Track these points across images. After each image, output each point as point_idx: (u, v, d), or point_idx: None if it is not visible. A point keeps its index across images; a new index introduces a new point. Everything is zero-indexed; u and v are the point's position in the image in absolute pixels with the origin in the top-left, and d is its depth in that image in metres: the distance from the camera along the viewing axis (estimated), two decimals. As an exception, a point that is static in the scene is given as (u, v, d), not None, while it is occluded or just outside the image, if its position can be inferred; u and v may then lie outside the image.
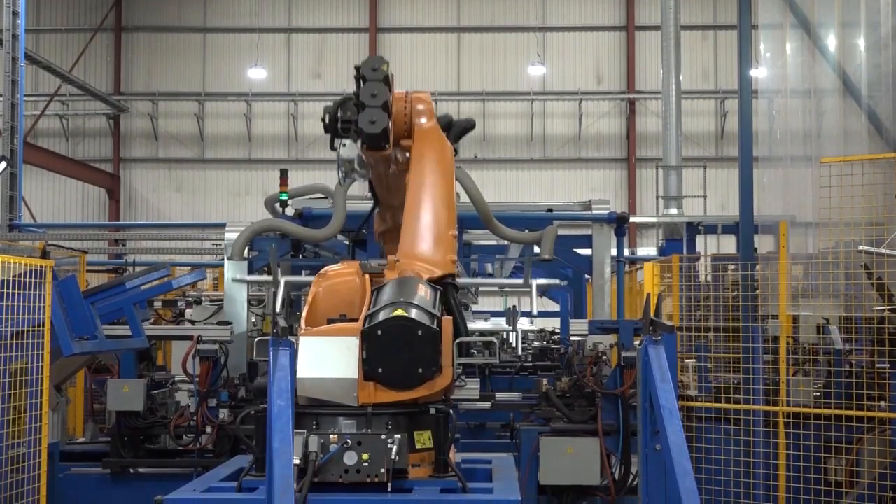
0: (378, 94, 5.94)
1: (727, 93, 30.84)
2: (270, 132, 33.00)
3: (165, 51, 33.37)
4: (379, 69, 5.97)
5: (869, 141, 11.09)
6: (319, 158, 32.32)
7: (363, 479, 5.23)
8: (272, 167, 27.14)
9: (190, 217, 30.50)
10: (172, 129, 33.13)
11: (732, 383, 9.41)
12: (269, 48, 32.84)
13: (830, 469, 8.80)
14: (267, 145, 32.97)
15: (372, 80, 5.97)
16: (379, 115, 5.90)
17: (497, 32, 32.83)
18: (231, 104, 32.89)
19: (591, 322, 12.94)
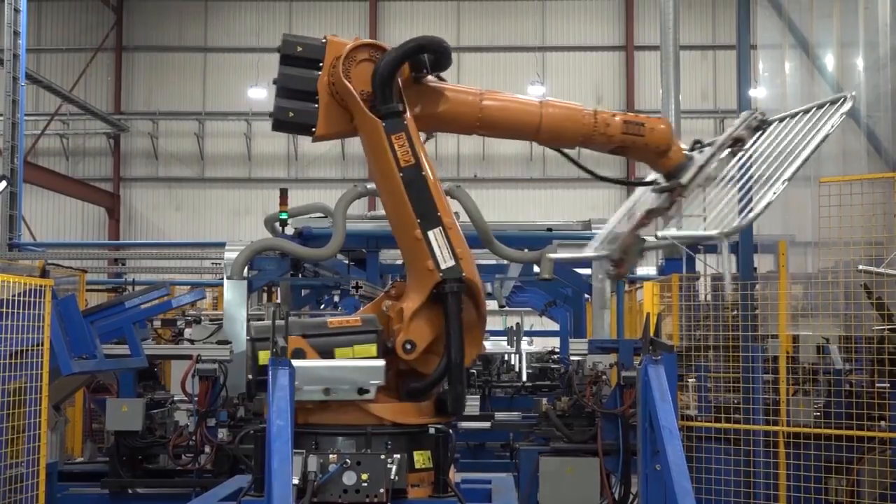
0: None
1: (726, 112, 30.89)
2: (270, 151, 33.05)
3: (166, 70, 33.46)
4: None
5: (868, 160, 11.10)
6: (319, 178, 32.38)
7: (362, 499, 5.22)
8: (272, 186, 27.16)
9: (189, 236, 30.50)
10: (172, 149, 33.18)
11: (732, 403, 9.39)
12: (269, 68, 32.29)
13: (831, 489, 8.77)
14: (267, 165, 33.01)
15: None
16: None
17: (497, 52, 32.93)
18: (231, 123, 32.96)
19: (590, 341, 12.92)
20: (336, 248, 12.73)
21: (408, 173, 5.63)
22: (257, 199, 31.79)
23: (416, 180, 5.64)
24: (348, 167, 32.75)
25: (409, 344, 5.54)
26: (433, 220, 5.63)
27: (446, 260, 5.58)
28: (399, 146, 5.63)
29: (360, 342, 5.53)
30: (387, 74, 5.66)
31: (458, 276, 5.55)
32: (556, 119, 6.16)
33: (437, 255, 5.59)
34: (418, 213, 5.62)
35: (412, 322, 5.57)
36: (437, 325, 5.58)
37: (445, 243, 5.60)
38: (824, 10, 11.90)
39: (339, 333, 5.58)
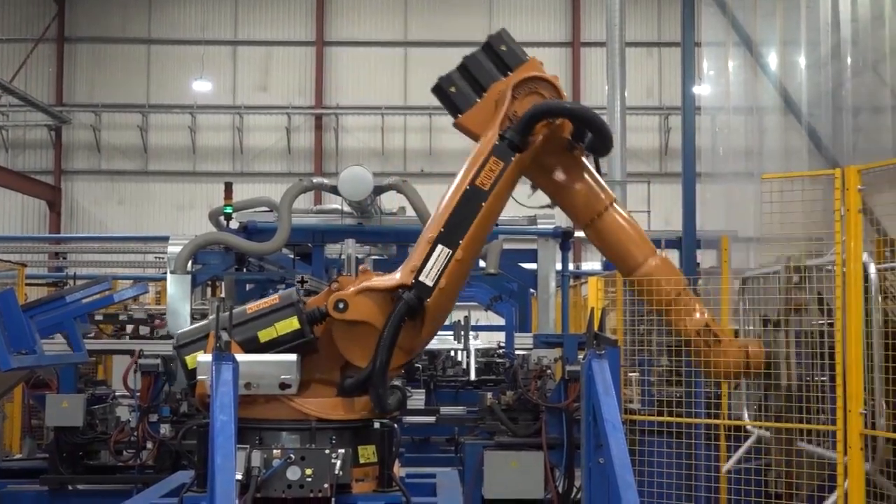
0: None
1: (671, 109, 31.19)
2: (215, 145, 32.77)
3: (109, 62, 33.01)
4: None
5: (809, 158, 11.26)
6: (265, 171, 32.17)
7: (306, 494, 5.21)
8: (217, 180, 26.89)
9: (132, 230, 30.11)
10: (115, 141, 32.75)
11: (675, 397, 9.48)
12: (214, 60, 32.62)
13: (771, 481, 8.89)
14: (211, 158, 32.72)
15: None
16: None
17: (444, 47, 32.90)
18: (175, 116, 32.61)
19: (535, 336, 12.99)
20: (281, 243, 12.69)
21: (472, 191, 5.78)
22: (202, 193, 31.50)
23: (472, 202, 5.76)
24: (294, 161, 32.58)
25: (341, 303, 5.55)
26: (451, 242, 5.69)
27: (428, 277, 5.62)
28: (489, 169, 5.80)
29: (281, 318, 5.52)
30: (539, 114, 5.81)
31: (423, 295, 5.58)
32: (656, 274, 6.35)
33: (426, 267, 5.63)
34: (448, 225, 5.71)
35: (360, 294, 5.60)
36: (378, 315, 5.57)
37: (441, 266, 5.64)
38: (767, 9, 12.05)
39: (259, 316, 5.56)
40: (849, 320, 6.48)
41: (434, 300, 5.60)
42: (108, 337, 12.09)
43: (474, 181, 5.78)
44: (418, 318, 5.63)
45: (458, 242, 5.67)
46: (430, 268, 5.62)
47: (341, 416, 5.59)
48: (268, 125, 32.72)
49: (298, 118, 32.81)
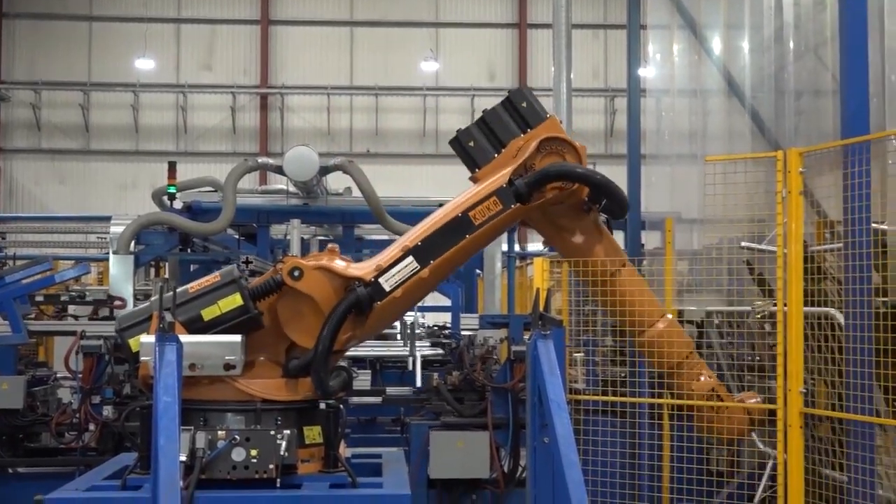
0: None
1: (616, 91, 31.35)
2: (159, 124, 32.37)
3: (49, 39, 32.40)
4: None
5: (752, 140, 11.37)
6: (209, 151, 31.86)
7: (251, 475, 5.19)
8: (160, 160, 26.60)
9: (74, 210, 29.61)
10: (56, 120, 32.21)
11: (619, 377, 9.56)
12: (157, 38, 32.18)
13: (712, 460, 9.02)
14: (155, 137, 32.33)
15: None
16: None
17: (390, 27, 32.78)
18: (118, 95, 32.13)
19: (481, 317, 13.03)
20: (226, 223, 12.60)
21: (462, 220, 5.81)
22: (145, 173, 31.10)
23: (458, 231, 5.80)
24: (239, 141, 32.30)
25: (297, 271, 5.58)
26: (423, 259, 5.73)
27: (387, 281, 5.67)
28: (486, 206, 5.85)
29: (223, 295, 5.50)
30: (555, 175, 5.96)
31: (375, 297, 5.63)
32: (664, 337, 6.54)
33: (389, 271, 5.69)
34: (426, 242, 5.76)
35: (319, 270, 5.63)
36: (327, 296, 5.58)
37: (404, 277, 5.70)
38: (712, -8, 12.13)
39: (201, 295, 5.53)
40: (789, 301, 6.57)
41: (384, 305, 5.66)
42: (49, 318, 11.93)
43: (468, 211, 5.84)
44: (364, 315, 5.65)
45: (429, 262, 5.73)
46: (394, 274, 5.67)
47: (286, 397, 5.58)
48: (212, 104, 32.39)
49: (243, 97, 32.51)
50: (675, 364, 6.51)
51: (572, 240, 6.34)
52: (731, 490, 8.14)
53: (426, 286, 5.88)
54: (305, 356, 5.58)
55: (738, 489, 8.11)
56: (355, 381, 7.47)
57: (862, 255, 6.13)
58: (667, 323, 6.55)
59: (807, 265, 6.71)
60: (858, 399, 6.06)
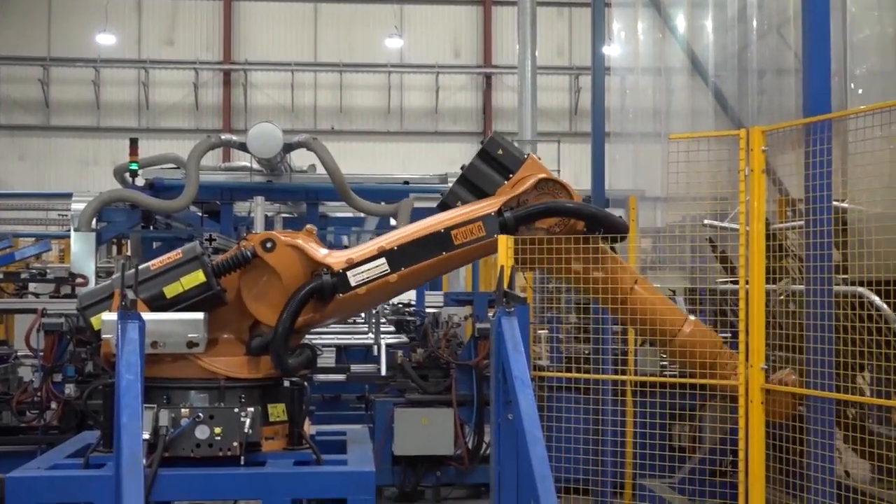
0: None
1: (581, 69, 31.37)
2: (120, 100, 32.01)
3: (7, 12, 31.89)
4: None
5: (715, 118, 11.45)
6: (171, 128, 31.59)
7: (215, 452, 5.18)
8: (122, 136, 26.36)
9: (34, 186, 29.29)
10: (15, 95, 31.77)
11: (583, 353, 9.62)
12: (118, 13, 31.75)
13: (675, 435, 9.10)
14: (116, 113, 31.97)
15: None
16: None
17: (355, 3, 32.57)
18: (78, 70, 31.72)
19: (446, 294, 13.04)
20: (189, 200, 12.50)
21: (443, 237, 5.87)
22: (106, 149, 30.80)
23: (436, 246, 5.86)
24: (202, 117, 32.04)
25: (270, 242, 5.61)
26: (395, 264, 5.78)
27: (356, 276, 5.71)
28: (469, 229, 5.93)
29: (186, 272, 5.48)
30: (547, 212, 6.12)
31: (339, 288, 5.66)
32: (694, 337, 6.65)
33: (359, 267, 5.71)
34: (402, 248, 5.80)
35: (291, 248, 5.65)
36: (293, 275, 5.58)
37: (371, 276, 5.74)
38: (676, -29, 12.17)
39: (163, 272, 5.51)
40: (751, 278, 6.63)
41: (346, 298, 5.69)
42: (9, 295, 11.81)
43: (451, 230, 5.89)
44: (325, 302, 5.66)
45: (400, 269, 5.77)
46: (363, 271, 5.70)
47: (249, 375, 5.57)
48: (174, 80, 32.08)
49: (206, 73, 32.23)
50: (711, 363, 6.60)
51: (580, 270, 6.43)
52: (694, 465, 8.22)
53: (392, 291, 5.93)
54: (266, 335, 5.58)
55: (699, 464, 8.19)
56: (320, 358, 7.46)
57: (823, 233, 6.18)
58: (692, 325, 6.65)
59: (769, 243, 6.76)
60: (818, 375, 6.13)
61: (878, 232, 5.95)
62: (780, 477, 6.87)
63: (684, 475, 8.17)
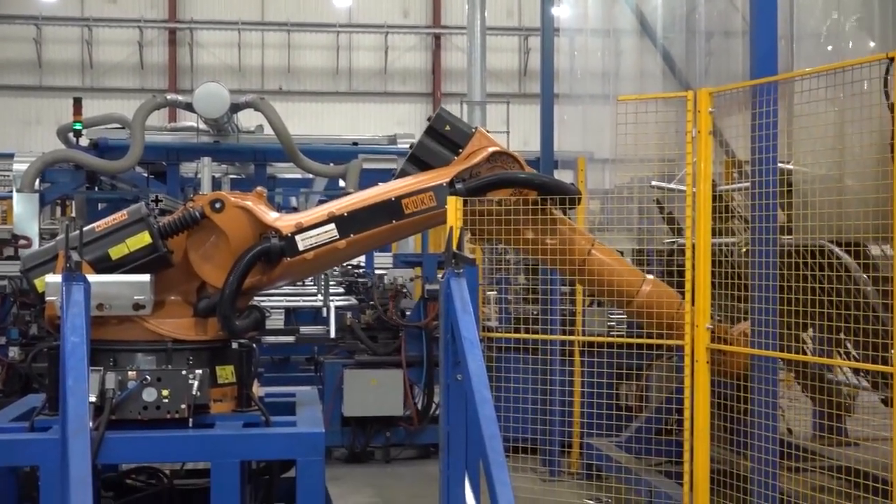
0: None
1: (530, 30, 31.32)
2: (63, 58, 31.42)
3: (-55, -32, 31.19)
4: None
5: (663, 80, 11.47)
6: (116, 87, 31.10)
7: (163, 415, 5.15)
8: (65, 95, 25.88)
9: (-25, 146, 28.82)
10: (-46, 53, 31.11)
11: (532, 314, 9.68)
12: (61, -32, 31.13)
13: (622, 395, 9.22)
14: (59, 72, 31.39)
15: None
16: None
17: (301, -37, 32.21)
18: (18, 27, 31.08)
19: (395, 256, 13.04)
20: (134, 161, 12.34)
21: (394, 205, 5.84)
22: (49, 109, 30.25)
23: (386, 214, 5.84)
24: (147, 77, 31.57)
25: (219, 203, 5.57)
26: (344, 230, 5.74)
27: (304, 241, 5.66)
28: (420, 199, 5.91)
29: (131, 234, 5.43)
30: (499, 183, 6.09)
31: (286, 252, 5.61)
32: (653, 298, 6.66)
33: (307, 232, 5.66)
34: (352, 215, 5.75)
35: (240, 209, 5.61)
36: (241, 237, 5.56)
37: (319, 241, 5.69)
38: (625, -69, 12.13)
39: (109, 233, 5.45)
40: (697, 239, 6.69)
41: (294, 262, 5.67)
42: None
43: (402, 198, 5.87)
44: (273, 265, 5.63)
45: (349, 235, 5.75)
46: (311, 236, 5.67)
47: (197, 337, 5.54)
48: (118, 39, 31.54)
49: (151, 32, 31.73)
50: (675, 316, 6.65)
51: (536, 237, 6.44)
52: (640, 424, 8.33)
53: (340, 257, 5.91)
54: (213, 297, 5.55)
55: (646, 423, 8.31)
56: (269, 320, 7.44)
57: (768, 194, 6.25)
58: (651, 284, 6.68)
59: (715, 204, 6.82)
60: (763, 335, 6.22)
61: (822, 193, 6.03)
62: (724, 435, 6.99)
63: (631, 434, 8.28)
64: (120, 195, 13.81)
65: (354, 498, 8.85)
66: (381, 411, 10.09)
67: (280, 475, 6.30)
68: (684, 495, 6.80)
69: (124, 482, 6.39)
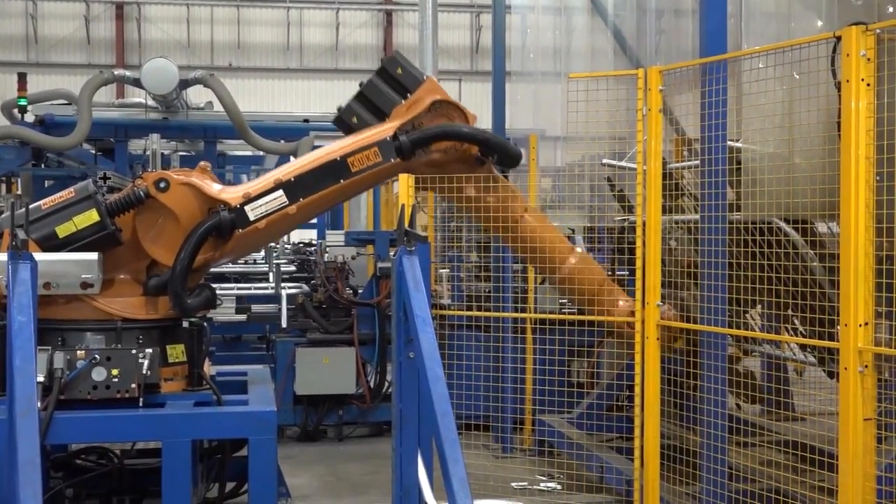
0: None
1: (482, 7, 31.26)
2: (7, 33, 30.87)
3: None
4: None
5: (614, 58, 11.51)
6: (62, 63, 30.62)
7: (113, 394, 5.12)
8: (9, 70, 25.45)
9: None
10: None
11: (483, 292, 9.70)
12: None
13: (574, 371, 9.28)
14: (4, 47, 30.84)
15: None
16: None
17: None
18: (-38, 1, 30.53)
19: (347, 233, 13.01)
20: (81, 137, 12.16)
21: (339, 164, 5.78)
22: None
23: (333, 174, 5.79)
24: (94, 52, 31.11)
25: (163, 182, 5.53)
26: (293, 195, 5.69)
27: (254, 211, 5.62)
28: (366, 155, 5.85)
29: (79, 212, 5.37)
30: (441, 135, 6.05)
31: (238, 224, 5.58)
32: (577, 271, 6.71)
33: (256, 201, 5.62)
34: (299, 179, 5.71)
35: (186, 186, 5.57)
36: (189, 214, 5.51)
37: (269, 209, 5.65)
38: None
39: (55, 211, 5.38)
40: (648, 216, 6.73)
41: (246, 233, 5.62)
42: None
43: (347, 157, 5.82)
44: (225, 239, 5.58)
45: (298, 199, 5.71)
46: (260, 205, 5.63)
47: (147, 316, 5.49)
48: (64, 13, 31.03)
49: (98, 7, 31.24)
50: (595, 292, 6.69)
51: (473, 195, 6.44)
52: (592, 401, 8.40)
53: (291, 222, 5.86)
54: (164, 275, 5.50)
55: (597, 399, 8.37)
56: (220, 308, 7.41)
57: (718, 172, 6.30)
58: (578, 257, 6.71)
59: (665, 182, 6.87)
60: (712, 311, 6.28)
61: (770, 171, 6.08)
62: (674, 411, 7.07)
63: (582, 410, 8.35)
64: (67, 172, 13.62)
65: (307, 476, 8.85)
66: (334, 389, 10.07)
67: (232, 454, 6.29)
68: (635, 470, 6.87)
69: (74, 462, 6.34)
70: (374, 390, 10.26)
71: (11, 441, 4.47)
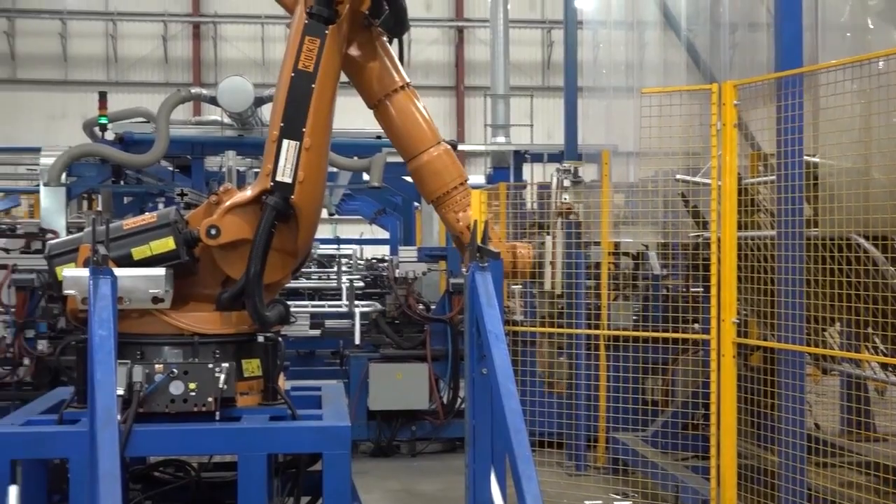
0: None
1: (553, 23, 31.19)
2: (88, 53, 31.58)
3: (-30, -37, 31.40)
4: None
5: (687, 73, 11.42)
6: (141, 81, 31.24)
7: (190, 408, 5.17)
8: (90, 90, 25.99)
9: (2, 141, 28.95)
10: (-19, 48, 31.31)
11: (557, 308, 9.67)
12: (85, -37, 31.28)
13: (648, 389, 9.19)
14: (84, 66, 31.55)
15: None
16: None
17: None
18: (45, 22, 31.23)
19: (420, 249, 13.05)
20: (159, 155, 12.41)
21: (299, 77, 5.59)
22: (75, 103, 30.38)
23: (302, 87, 5.59)
24: (171, 71, 31.68)
25: (213, 229, 5.47)
26: (294, 133, 5.55)
27: (284, 174, 5.50)
28: (307, 49, 5.61)
29: (156, 237, 5.43)
30: None
31: (286, 194, 5.47)
32: (435, 166, 6.31)
33: (279, 165, 5.51)
34: (286, 117, 5.55)
35: (228, 214, 5.51)
36: (251, 229, 5.51)
37: (293, 160, 5.51)
38: (649, -77, 12.09)
39: (134, 233, 5.45)
40: (723, 232, 6.66)
41: (299, 196, 5.51)
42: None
43: (297, 66, 5.61)
44: (291, 220, 5.58)
45: (302, 131, 5.57)
46: (284, 165, 5.52)
47: (223, 330, 5.54)
48: (143, 33, 31.67)
49: (175, 26, 31.83)
50: (445, 192, 6.40)
51: (352, 55, 6.15)
52: (666, 419, 8.31)
53: (318, 155, 5.65)
54: (236, 286, 5.53)
55: (672, 418, 8.28)
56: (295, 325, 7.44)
57: (794, 188, 6.22)
58: (441, 150, 6.39)
59: (740, 197, 6.80)
60: (790, 329, 6.19)
61: (848, 186, 5.99)
62: (751, 430, 6.96)
63: (657, 428, 8.26)
64: (145, 189, 13.90)
65: (380, 492, 8.88)
66: (407, 405, 10.10)
67: (307, 468, 6.32)
68: (711, 490, 6.78)
69: (152, 475, 6.43)
70: (447, 406, 10.27)
71: (92, 453, 4.55)
